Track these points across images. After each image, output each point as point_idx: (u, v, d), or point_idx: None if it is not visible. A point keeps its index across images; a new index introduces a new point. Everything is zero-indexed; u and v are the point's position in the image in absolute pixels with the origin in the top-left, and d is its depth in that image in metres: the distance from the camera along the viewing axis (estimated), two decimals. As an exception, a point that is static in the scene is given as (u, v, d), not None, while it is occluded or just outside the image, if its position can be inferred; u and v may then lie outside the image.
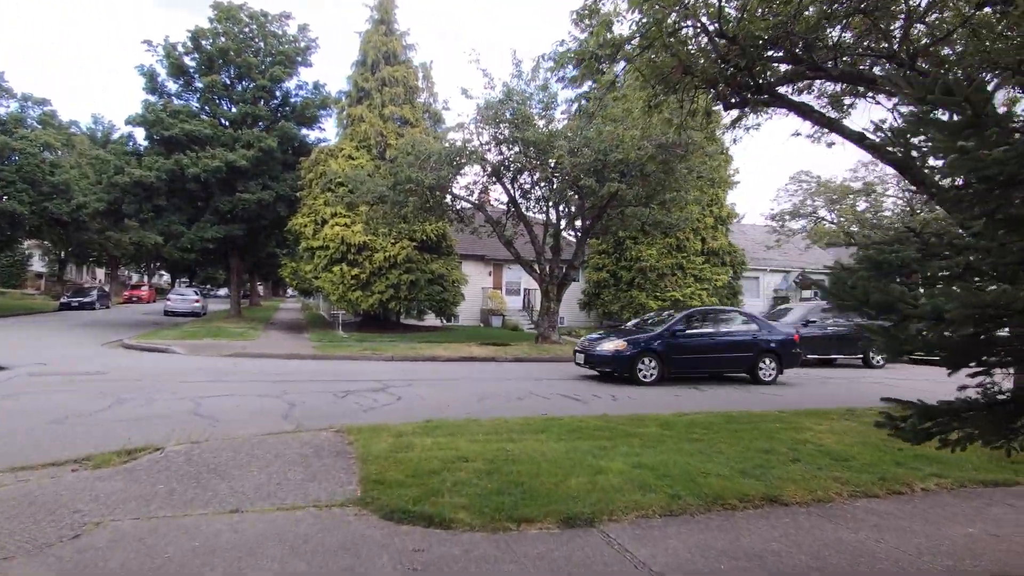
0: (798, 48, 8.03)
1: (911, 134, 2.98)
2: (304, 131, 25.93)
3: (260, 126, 24.84)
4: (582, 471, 5.05)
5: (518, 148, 16.50)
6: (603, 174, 15.34)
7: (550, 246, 18.51)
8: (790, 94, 9.83)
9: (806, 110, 9.16)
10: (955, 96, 1.85)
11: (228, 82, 25.13)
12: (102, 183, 25.74)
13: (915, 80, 2.09)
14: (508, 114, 16.15)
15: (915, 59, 8.31)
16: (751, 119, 10.94)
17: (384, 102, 22.28)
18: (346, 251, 20.54)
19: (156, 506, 4.28)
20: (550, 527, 4.04)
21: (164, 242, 25.35)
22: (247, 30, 25.32)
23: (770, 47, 7.97)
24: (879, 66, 8.85)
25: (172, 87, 25.50)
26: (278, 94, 25.74)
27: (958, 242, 2.45)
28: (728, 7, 7.89)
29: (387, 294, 20.68)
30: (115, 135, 40.44)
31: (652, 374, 11.64)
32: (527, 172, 17.46)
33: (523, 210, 18.48)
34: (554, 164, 16.34)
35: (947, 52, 8.88)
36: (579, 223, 19.10)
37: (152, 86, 24.96)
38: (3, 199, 28.25)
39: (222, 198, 23.26)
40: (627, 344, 11.78)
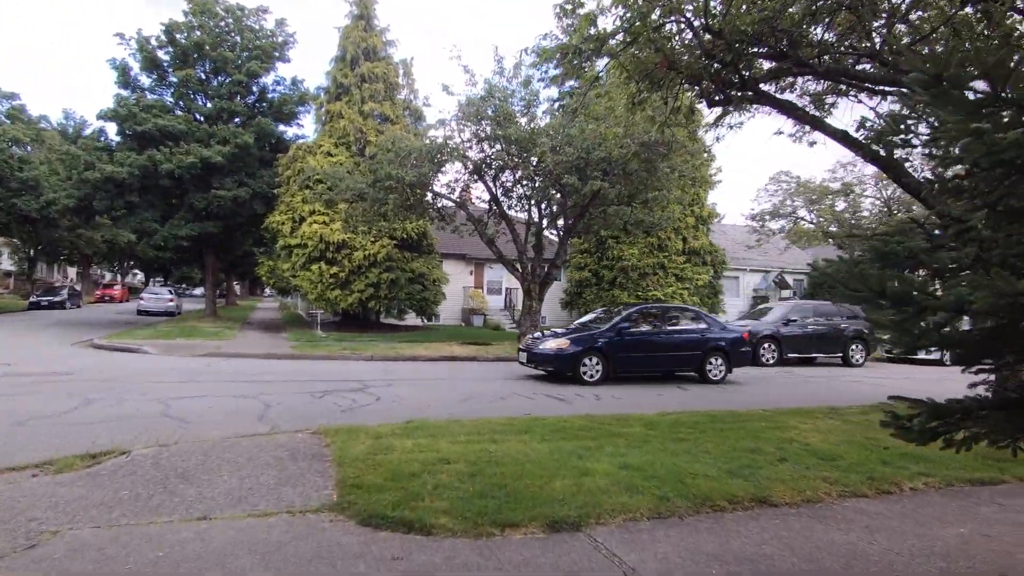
0: (783, 45, 7.99)
1: (905, 126, 2.88)
2: (282, 127, 25.51)
3: (236, 122, 24.31)
4: (567, 473, 4.91)
5: (500, 146, 16.31)
6: (585, 172, 15.22)
7: (532, 245, 18.36)
8: (773, 93, 9.83)
9: (790, 108, 9.15)
10: (974, 72, 1.75)
11: (203, 77, 24.58)
12: (72, 179, 25.00)
13: (930, 56, 1.98)
14: (490, 111, 15.96)
15: (899, 58, 8.32)
16: (734, 117, 10.94)
17: (364, 98, 21.95)
18: (324, 249, 20.18)
19: (119, 513, 4.05)
20: (535, 532, 3.89)
21: (137, 240, 24.70)
22: (223, 24, 24.79)
23: (755, 43, 7.91)
24: (862, 65, 8.86)
25: (145, 81, 24.87)
26: (255, 89, 25.27)
27: (966, 233, 2.35)
28: (713, 2, 7.81)
29: (367, 293, 20.38)
30: (87, 131, 39.39)
31: (596, 373, 11.33)
32: (509, 170, 17.28)
33: (505, 208, 18.30)
34: (536, 162, 16.19)
35: (927, 52, 8.93)
36: (561, 222, 18.96)
37: (125, 80, 24.32)
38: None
39: (197, 195, 22.73)
40: (570, 343, 11.46)
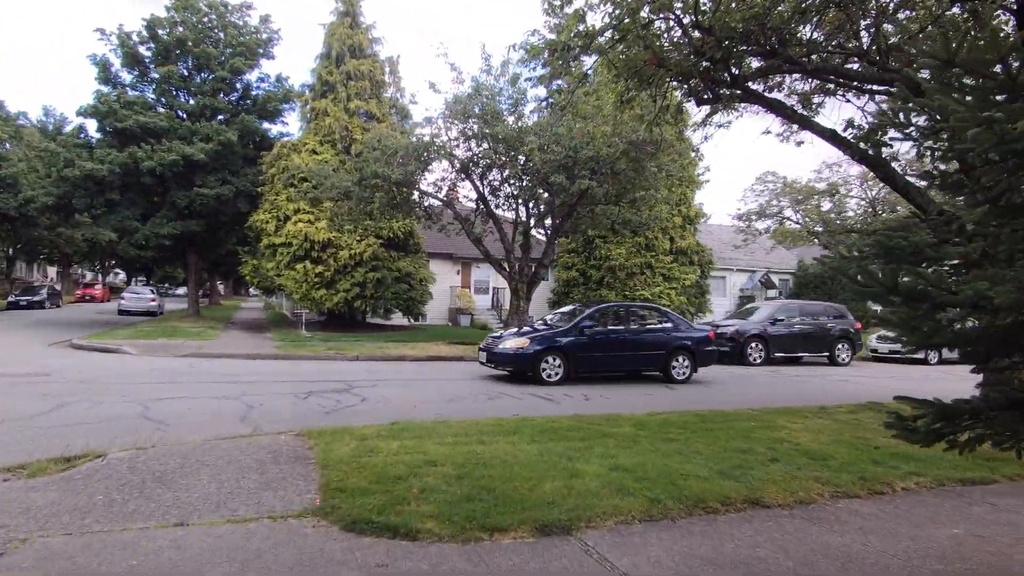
0: (772, 42, 7.95)
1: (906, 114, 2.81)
2: (266, 125, 25.16)
3: (220, 119, 23.94)
4: (557, 474, 4.81)
5: (487, 144, 16.21)
6: (573, 171, 15.16)
7: (520, 244, 18.26)
8: (762, 92, 9.81)
9: (779, 106, 9.13)
10: (987, 56, 1.68)
11: (186, 73, 24.20)
12: (51, 177, 24.50)
13: (943, 38, 1.91)
14: (477, 109, 15.84)
15: (887, 57, 8.33)
16: (721, 116, 10.90)
17: (349, 96, 21.72)
18: (309, 248, 19.93)
19: (92, 519, 3.89)
20: (524, 536, 3.78)
21: (118, 239, 24.24)
22: (206, 20, 24.41)
23: (745, 41, 7.87)
24: (850, 64, 8.86)
25: (127, 78, 24.45)
26: (238, 86, 24.90)
27: (970, 228, 2.28)
28: (703, -1, 7.76)
29: (352, 292, 20.16)
30: (67, 128, 38.66)
31: (557, 373, 11.08)
32: (496, 169, 17.18)
33: (492, 207, 18.19)
34: (524, 160, 16.10)
35: (914, 52, 8.96)
36: (549, 221, 18.88)
37: (105, 76, 23.87)
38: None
39: (179, 193, 22.36)
40: (529, 342, 11.17)
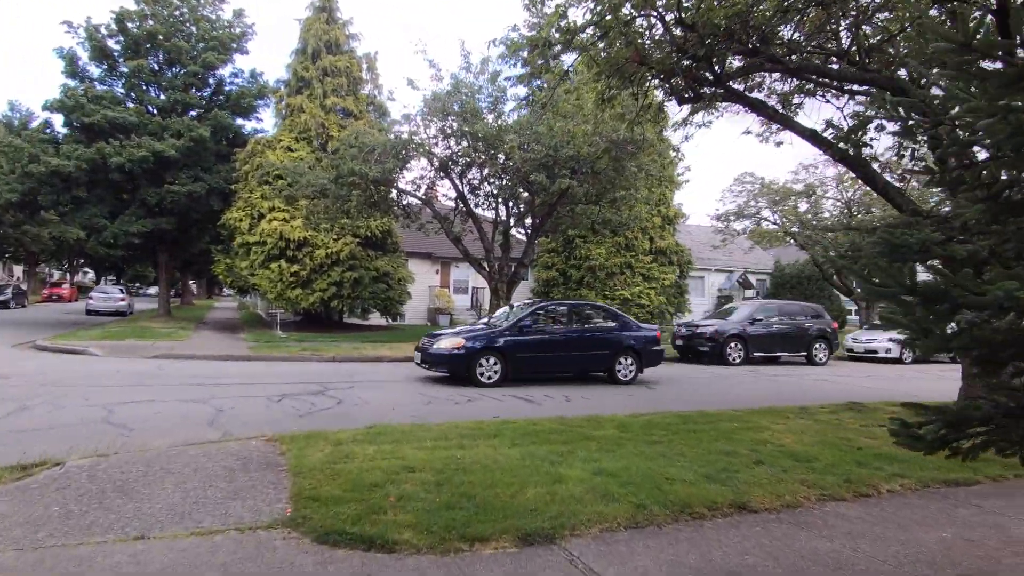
0: (755, 41, 7.90)
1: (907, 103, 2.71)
2: (240, 121, 24.61)
3: (192, 115, 23.38)
4: (540, 480, 4.65)
5: (466, 142, 16.02)
6: (553, 170, 15.05)
7: (499, 244, 18.09)
8: (743, 91, 9.78)
9: (760, 106, 9.10)
10: (1012, 40, 1.57)
11: (156, 68, 23.55)
12: (16, 173, 23.66)
13: (961, 19, 1.81)
14: (456, 107, 15.65)
15: (867, 57, 8.34)
16: (702, 116, 10.85)
17: (326, 92, 21.36)
18: (285, 247, 19.54)
19: (46, 533, 3.63)
20: (506, 546, 3.62)
21: (87, 237, 23.52)
22: (177, 13, 23.80)
23: (728, 39, 7.80)
24: (830, 64, 8.86)
25: (95, 72, 23.72)
26: (211, 82, 24.33)
27: (973, 226, 2.18)
28: (686, -5, 7.67)
29: (329, 292, 19.81)
30: (34, 123, 37.46)
31: (494, 375, 10.66)
32: (476, 167, 16.99)
33: (472, 206, 18.00)
34: (504, 159, 15.95)
35: (892, 52, 9.00)
36: (529, 220, 18.77)
37: (72, 70, 23.14)
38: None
39: (149, 190, 21.74)
40: (465, 341, 10.76)
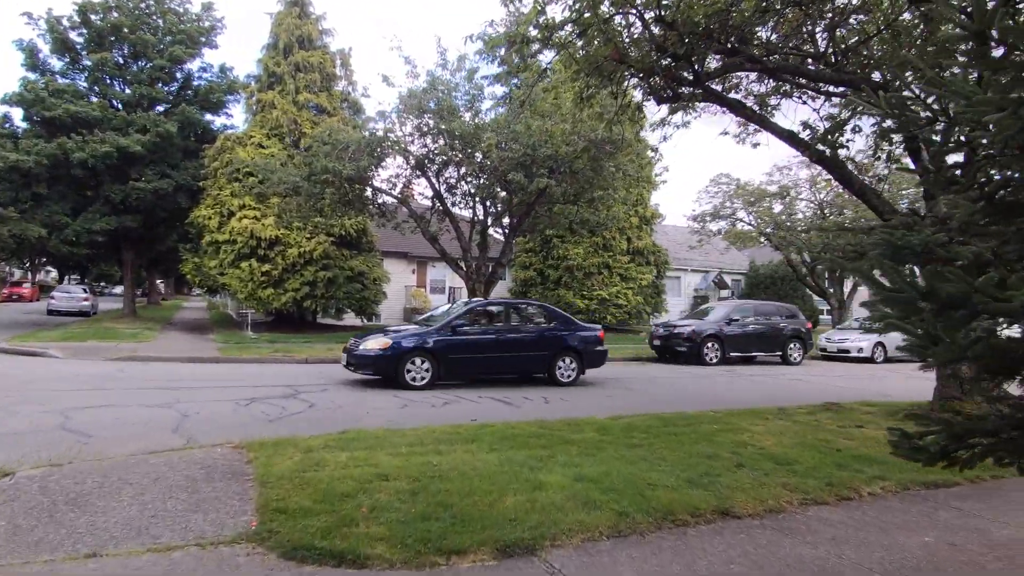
0: (734, 40, 7.87)
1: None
2: (209, 117, 24.03)
3: (158, 110, 22.74)
4: (519, 487, 4.50)
5: (443, 140, 15.81)
6: (531, 170, 14.93)
7: (477, 243, 17.92)
8: (721, 92, 9.77)
9: (738, 106, 9.09)
10: None
11: (121, 61, 22.84)
12: (-29, 168, 22.75)
13: (978, 5, 1.70)
14: (432, 104, 15.43)
15: (845, 59, 8.38)
16: (680, 117, 10.83)
17: (298, 88, 20.93)
18: (256, 246, 19.06)
19: (-10, 552, 3.37)
20: (485, 559, 3.46)
21: (48, 235, 22.71)
22: (143, 6, 23.10)
23: (707, 38, 7.76)
24: (807, 66, 8.89)
25: (56, 64, 22.94)
26: (179, 76, 23.71)
27: (970, 227, 2.09)
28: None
29: (302, 292, 19.39)
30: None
31: (424, 377, 10.17)
32: (453, 166, 16.79)
33: (449, 205, 17.80)
34: (481, 158, 15.78)
35: (867, 55, 9.08)
36: (507, 220, 18.62)
37: (32, 63, 22.35)
38: None
39: (113, 186, 21.06)
40: (392, 342, 10.24)
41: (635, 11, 8.09)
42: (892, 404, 8.92)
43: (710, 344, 16.08)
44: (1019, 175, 2.23)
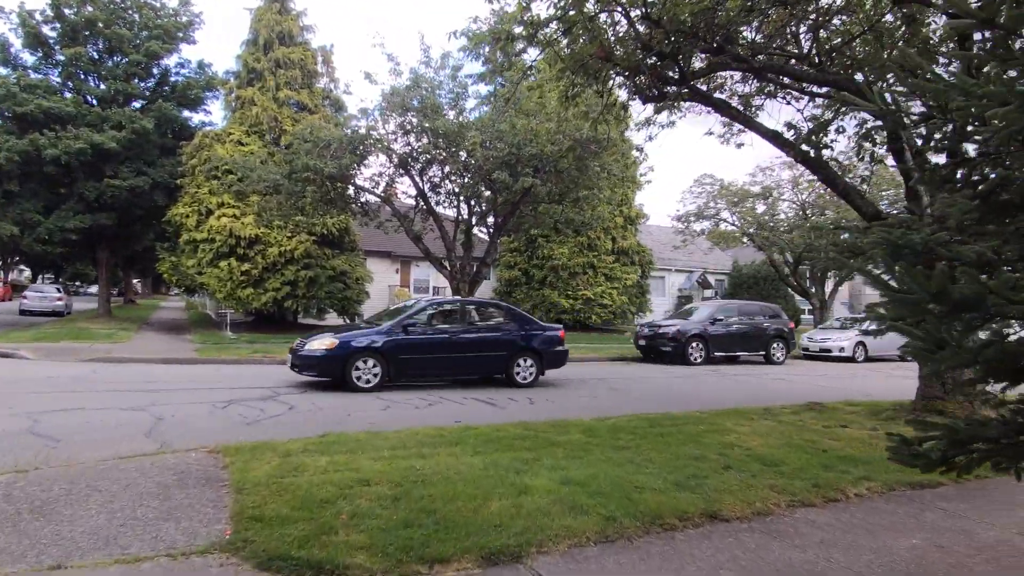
0: (719, 39, 7.84)
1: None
2: (186, 113, 23.61)
3: (134, 106, 22.29)
4: (505, 491, 4.40)
5: (427, 138, 15.64)
6: (516, 169, 14.83)
7: (461, 242, 17.78)
8: (706, 92, 9.76)
9: (723, 106, 9.08)
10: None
11: (96, 56, 22.34)
12: (-62, 164, 22.08)
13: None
14: (415, 102, 15.26)
15: (829, 60, 8.39)
16: (665, 116, 10.81)
17: (279, 85, 20.61)
18: (235, 244, 18.73)
19: (-53, 565, 3.19)
20: (469, 567, 3.35)
21: (21, 233, 22.12)
22: (119, 0, 22.63)
23: (693, 37, 7.71)
24: (792, 65, 8.90)
25: (28, 59, 22.43)
26: (155, 72, 23.21)
27: (968, 226, 2.03)
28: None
29: (283, 292, 19.11)
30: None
31: (372, 378, 9.72)
32: (436, 164, 16.63)
33: (433, 205, 17.63)
34: (465, 157, 15.65)
35: (850, 56, 9.12)
36: (491, 219, 18.51)
37: (3, 57, 21.86)
38: None
39: (88, 184, 20.56)
40: (339, 342, 9.78)
41: (620, 9, 8.03)
42: (875, 404, 8.96)
43: (695, 344, 16.12)
44: (1017, 173, 2.18)
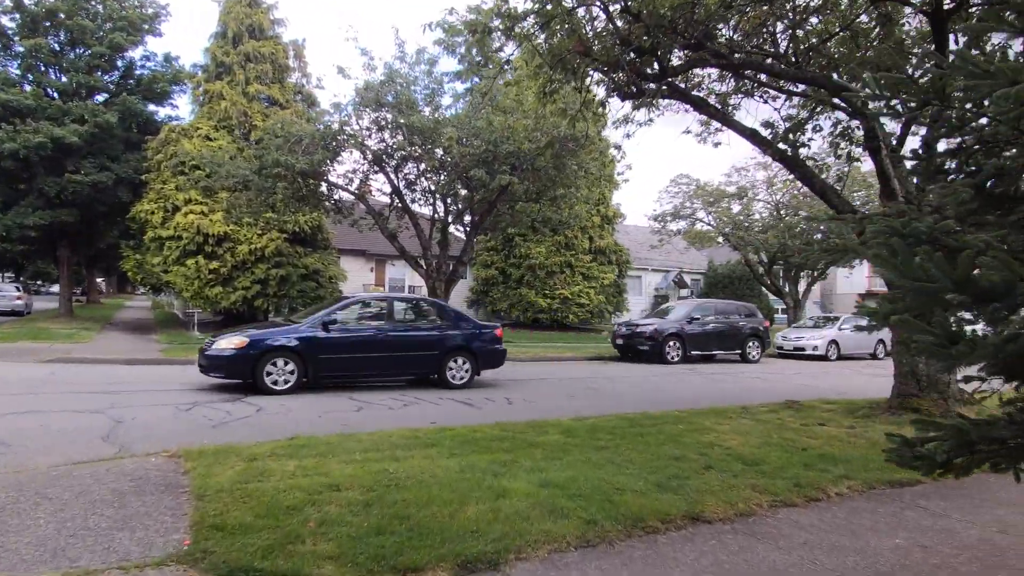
0: (698, 35, 7.78)
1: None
2: (152, 107, 22.91)
3: (97, 99, 21.57)
4: (482, 495, 4.23)
5: (402, 135, 15.37)
6: (493, 166, 14.66)
7: (437, 241, 17.54)
8: (685, 89, 9.72)
9: (702, 103, 9.04)
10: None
11: (57, 48, 21.57)
12: None
13: None
14: (390, 97, 14.99)
15: (806, 59, 8.40)
16: (643, 114, 10.75)
17: (248, 79, 20.10)
18: (203, 242, 18.21)
19: None
20: (445, 576, 3.18)
21: (-23, 231, 21.28)
22: (82, -10, 21.88)
23: (672, 32, 7.64)
24: (770, 64, 8.91)
25: (-14, 51, 21.53)
26: (120, 64, 22.56)
27: (966, 216, 1.93)
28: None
29: (253, 290, 18.65)
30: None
31: (288, 380, 9.15)
32: (412, 161, 16.36)
33: (408, 202, 17.35)
34: (441, 154, 15.42)
35: (827, 54, 9.17)
36: (468, 218, 18.31)
37: (-40, 49, 20.94)
38: None
39: (48, 179, 19.81)
40: (248, 341, 9.15)
41: (599, 3, 7.92)
42: (850, 402, 9.00)
43: (672, 343, 16.14)
44: (1015, 163, 2.10)
